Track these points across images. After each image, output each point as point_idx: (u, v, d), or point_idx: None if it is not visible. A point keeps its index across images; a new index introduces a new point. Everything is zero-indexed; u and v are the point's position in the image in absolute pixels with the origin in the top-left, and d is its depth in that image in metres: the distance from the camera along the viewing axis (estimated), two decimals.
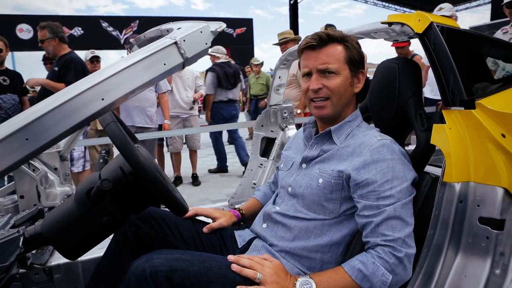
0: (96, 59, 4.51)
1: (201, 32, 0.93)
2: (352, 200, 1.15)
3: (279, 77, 2.23)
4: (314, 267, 1.17)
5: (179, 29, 0.94)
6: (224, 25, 0.96)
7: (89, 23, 15.66)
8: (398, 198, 1.06)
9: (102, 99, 0.81)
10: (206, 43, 0.93)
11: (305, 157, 1.29)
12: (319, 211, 1.18)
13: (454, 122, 1.09)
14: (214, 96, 5.08)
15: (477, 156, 1.04)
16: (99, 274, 1.26)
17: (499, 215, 0.98)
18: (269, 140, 2.39)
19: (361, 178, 1.10)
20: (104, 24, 15.93)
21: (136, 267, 0.97)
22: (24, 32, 14.27)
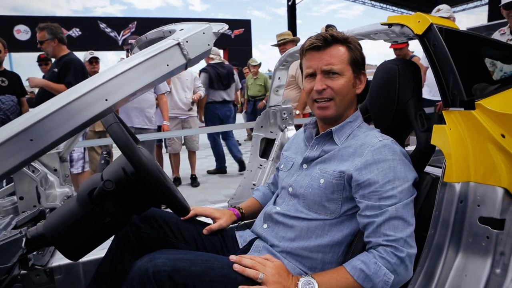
0: (95, 60, 4.51)
1: (203, 33, 0.93)
2: (353, 200, 1.15)
3: (279, 78, 2.23)
4: (316, 267, 1.17)
5: (182, 30, 0.94)
6: (226, 26, 0.97)
7: (87, 24, 15.67)
8: (399, 199, 1.07)
9: (106, 100, 0.81)
10: (208, 44, 0.94)
11: (306, 157, 1.29)
12: (320, 211, 1.19)
13: (454, 122, 1.10)
14: (208, 96, 5.12)
15: (477, 156, 1.05)
16: (100, 275, 1.26)
17: (499, 215, 0.99)
18: (269, 141, 2.40)
19: (362, 178, 1.11)
20: (102, 25, 15.93)
21: (139, 266, 0.97)
22: (22, 33, 14.24)
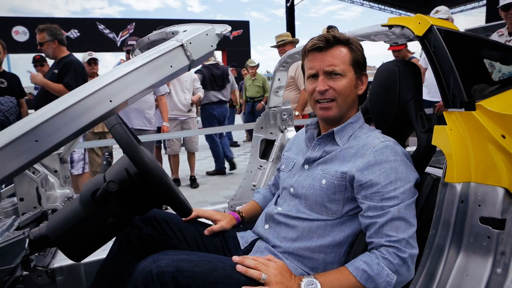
0: (94, 61, 4.52)
1: (206, 34, 0.93)
2: (354, 200, 1.16)
3: (279, 79, 2.24)
4: (317, 267, 1.17)
5: (185, 31, 0.94)
6: (229, 28, 0.97)
7: (85, 25, 15.67)
8: (402, 199, 1.08)
9: (110, 101, 0.81)
10: (211, 46, 0.94)
11: (307, 158, 1.29)
12: (322, 212, 1.19)
13: (455, 123, 1.10)
14: (204, 97, 5.15)
15: (477, 156, 1.05)
16: (101, 276, 1.26)
17: (500, 214, 0.99)
18: (269, 142, 2.40)
19: (365, 179, 1.11)
20: (101, 27, 15.92)
21: (142, 267, 0.97)
22: (20, 34, 14.22)
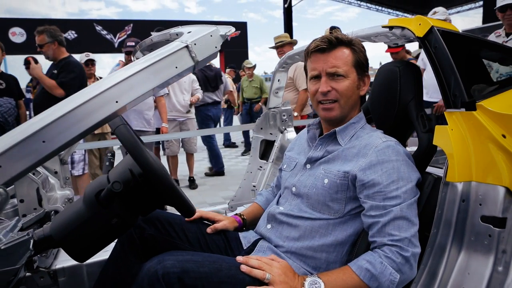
0: (91, 62, 4.53)
1: (211, 36, 0.94)
2: (357, 200, 1.17)
3: (278, 80, 2.25)
4: (320, 267, 1.18)
5: (189, 33, 0.95)
6: (233, 29, 0.98)
7: (83, 26, 15.64)
8: (404, 199, 1.08)
9: (116, 102, 0.82)
10: (216, 47, 0.95)
11: (309, 157, 1.30)
12: (324, 211, 1.20)
13: (456, 123, 1.11)
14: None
15: (478, 156, 1.06)
16: (104, 277, 1.26)
17: (500, 213, 1.00)
18: (268, 143, 2.41)
19: (367, 178, 1.12)
20: (98, 28, 15.89)
21: (148, 268, 0.98)
22: (17, 35, 14.17)
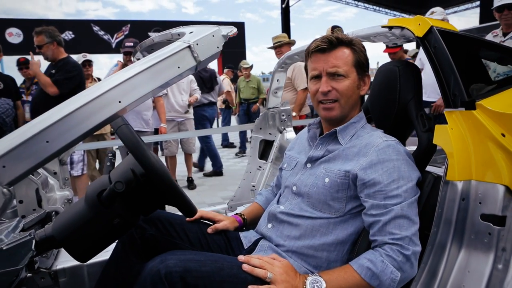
0: (88, 63, 4.52)
1: (213, 36, 0.94)
2: (357, 199, 1.17)
3: (277, 80, 2.26)
4: (321, 265, 1.19)
5: (191, 33, 0.95)
6: (235, 30, 0.98)
7: (80, 27, 15.57)
8: (404, 198, 1.09)
9: (119, 102, 0.82)
10: (217, 47, 0.95)
11: (310, 157, 1.31)
12: (325, 210, 1.20)
13: (456, 122, 1.12)
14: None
15: (478, 155, 1.07)
16: (105, 277, 1.26)
17: (500, 211, 1.01)
18: (268, 143, 2.42)
19: (368, 177, 1.13)
20: (95, 28, 15.84)
21: (150, 268, 0.98)
22: (14, 36, 14.11)
